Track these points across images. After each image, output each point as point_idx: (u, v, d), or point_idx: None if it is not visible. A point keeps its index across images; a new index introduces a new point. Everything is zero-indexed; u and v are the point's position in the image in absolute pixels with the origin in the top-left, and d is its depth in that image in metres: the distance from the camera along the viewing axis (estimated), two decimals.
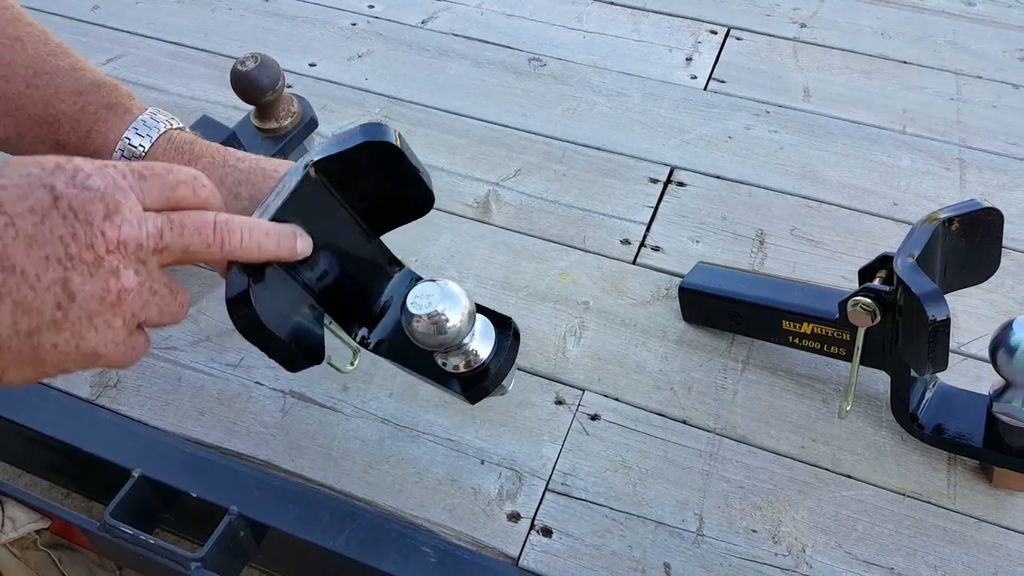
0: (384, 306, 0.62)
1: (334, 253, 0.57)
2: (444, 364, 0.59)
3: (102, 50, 1.18)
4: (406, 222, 0.61)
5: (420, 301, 0.53)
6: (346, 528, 0.71)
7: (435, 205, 0.61)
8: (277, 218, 0.50)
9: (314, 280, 0.55)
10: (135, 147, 0.53)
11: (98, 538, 0.72)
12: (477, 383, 0.59)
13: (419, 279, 0.62)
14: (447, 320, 0.53)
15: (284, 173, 0.55)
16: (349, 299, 0.59)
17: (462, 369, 0.58)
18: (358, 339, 0.61)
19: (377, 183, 0.57)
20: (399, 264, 0.64)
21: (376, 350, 0.61)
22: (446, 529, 0.71)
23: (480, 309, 0.60)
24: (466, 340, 0.57)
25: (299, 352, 0.54)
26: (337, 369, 0.64)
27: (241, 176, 0.54)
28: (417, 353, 0.59)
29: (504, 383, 0.62)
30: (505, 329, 0.60)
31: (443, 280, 0.55)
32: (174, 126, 0.56)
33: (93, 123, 0.54)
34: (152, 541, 0.70)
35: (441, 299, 0.53)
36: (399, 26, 1.21)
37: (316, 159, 0.53)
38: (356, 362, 0.67)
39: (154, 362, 0.83)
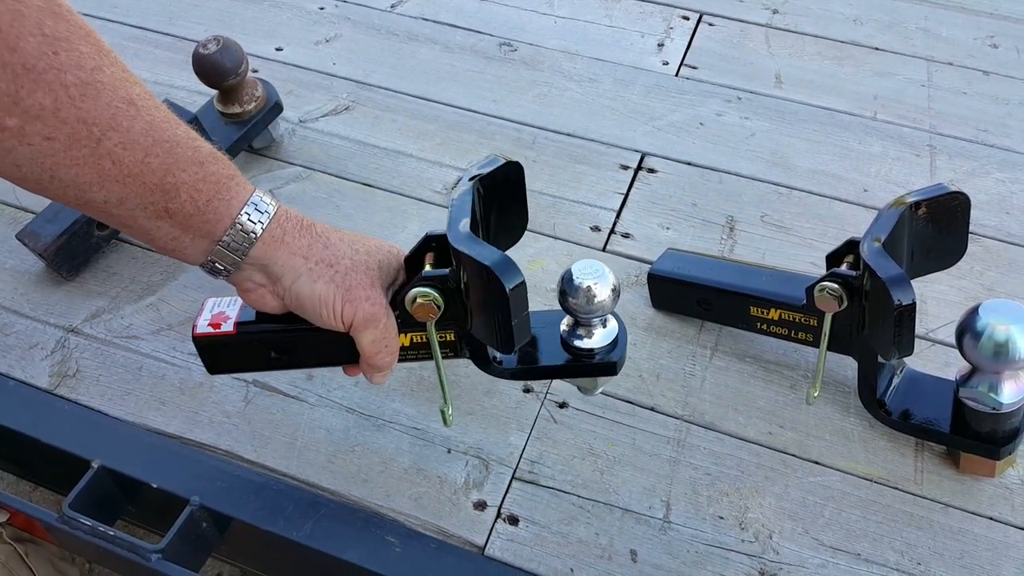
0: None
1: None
2: (576, 339, 0.65)
3: None
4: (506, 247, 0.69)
5: (584, 273, 0.63)
6: (310, 518, 0.70)
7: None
8: (472, 218, 0.60)
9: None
10: (255, 223, 0.57)
11: (57, 530, 0.71)
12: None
13: None
14: (597, 295, 0.62)
15: (453, 196, 0.62)
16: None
17: (592, 346, 0.65)
18: (492, 366, 0.67)
19: (503, 202, 0.67)
20: None
21: (509, 369, 0.67)
22: (412, 518, 0.71)
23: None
24: (597, 321, 0.65)
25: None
26: (444, 420, 0.68)
27: (352, 236, 0.62)
28: (546, 346, 0.66)
29: (598, 391, 0.69)
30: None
31: (599, 262, 0.64)
32: (279, 204, 0.60)
33: (215, 192, 0.55)
34: (112, 533, 0.69)
35: (598, 275, 0.63)
36: (368, 10, 1.19)
37: (478, 174, 0.64)
38: (452, 413, 0.69)
39: (114, 351, 0.82)
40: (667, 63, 1.11)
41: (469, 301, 0.61)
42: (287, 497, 0.71)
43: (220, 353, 0.66)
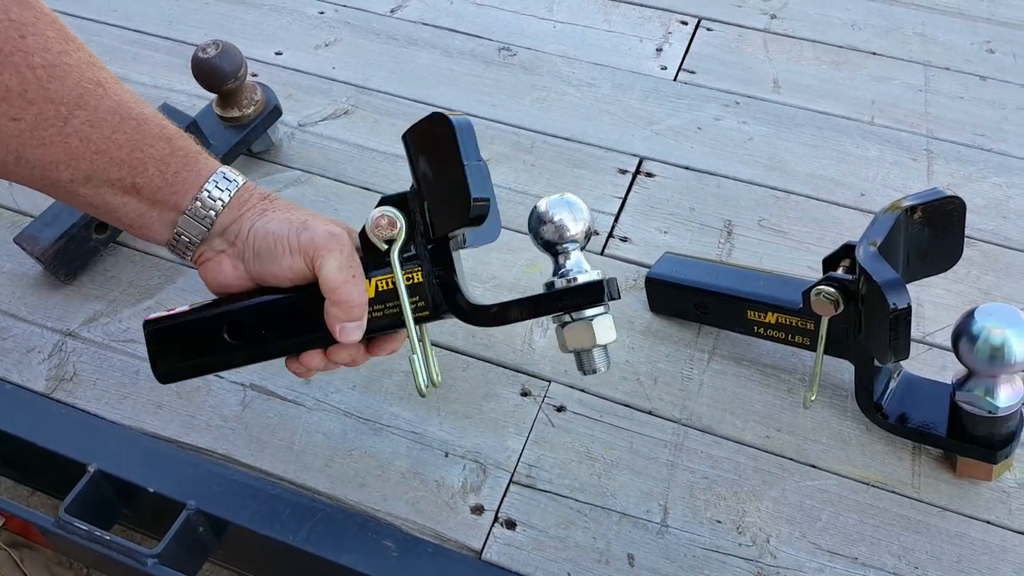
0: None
1: None
2: (555, 270, 0.60)
3: None
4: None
5: (551, 199, 0.60)
6: (307, 523, 0.70)
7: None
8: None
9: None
10: (223, 191, 0.57)
11: (53, 535, 0.71)
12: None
13: None
14: (566, 221, 0.59)
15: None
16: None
17: (570, 273, 0.59)
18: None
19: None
20: None
21: (485, 308, 0.61)
22: (408, 523, 0.71)
23: None
24: (572, 248, 0.60)
25: None
26: (418, 383, 0.61)
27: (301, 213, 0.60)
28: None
29: (598, 360, 0.61)
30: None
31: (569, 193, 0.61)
32: (248, 180, 0.60)
33: (183, 164, 0.56)
34: (108, 537, 0.69)
35: (567, 202, 0.60)
36: (367, 15, 1.19)
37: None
38: (440, 379, 0.65)
39: (111, 355, 0.82)
40: (665, 68, 1.11)
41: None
42: (284, 501, 0.71)
43: (170, 341, 0.61)
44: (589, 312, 0.59)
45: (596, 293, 0.59)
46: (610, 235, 0.92)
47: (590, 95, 1.08)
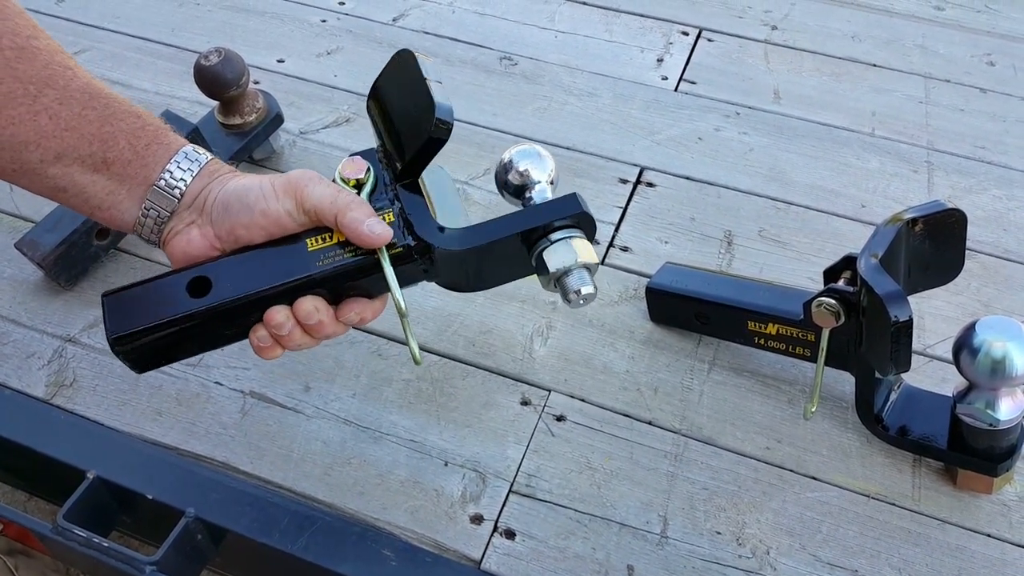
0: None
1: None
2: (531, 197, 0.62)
3: (66, 44, 1.14)
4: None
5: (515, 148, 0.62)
6: (305, 531, 0.70)
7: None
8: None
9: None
10: (192, 162, 0.57)
11: (51, 541, 0.71)
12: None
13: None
14: (532, 163, 0.63)
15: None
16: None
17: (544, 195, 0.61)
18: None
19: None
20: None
21: (462, 249, 0.58)
22: (408, 532, 0.70)
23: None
24: (544, 184, 0.63)
25: None
26: (413, 354, 0.58)
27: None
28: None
29: (584, 282, 0.58)
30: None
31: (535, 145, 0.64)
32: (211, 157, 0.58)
33: (154, 137, 0.56)
34: (106, 544, 0.68)
35: (529, 150, 0.63)
36: (369, 23, 1.20)
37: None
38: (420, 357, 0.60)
39: (111, 361, 0.81)
40: (666, 78, 1.12)
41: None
42: (283, 509, 0.71)
43: (128, 305, 0.55)
44: (567, 232, 0.59)
45: (574, 203, 0.59)
46: (610, 245, 0.92)
47: (591, 105, 1.08)
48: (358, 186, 0.58)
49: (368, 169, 0.58)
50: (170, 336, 0.55)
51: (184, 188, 0.56)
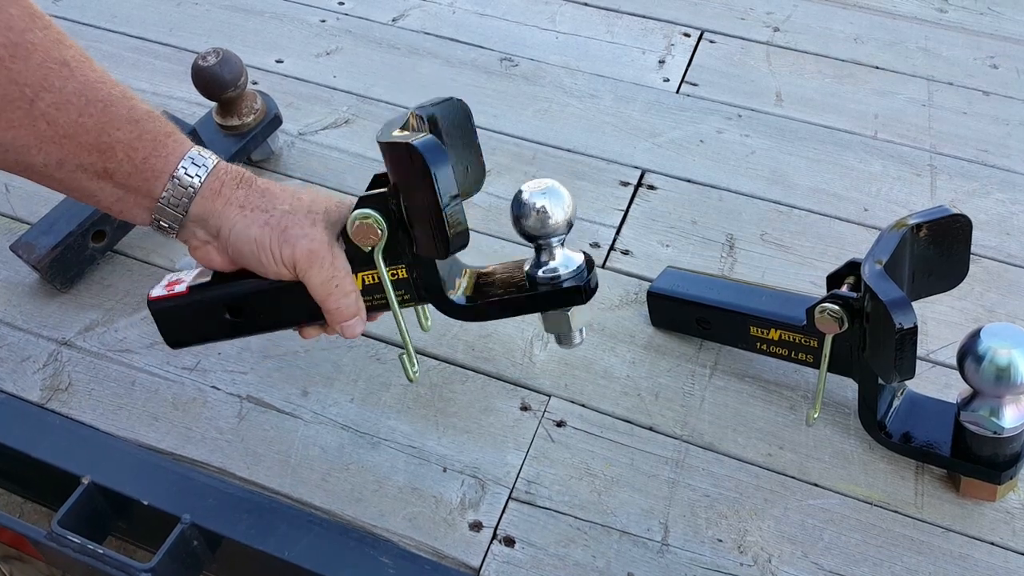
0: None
1: None
2: (538, 268, 0.62)
3: None
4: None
5: (535, 190, 0.60)
6: (303, 538, 0.69)
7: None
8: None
9: None
10: (192, 177, 0.56)
11: (45, 547, 0.70)
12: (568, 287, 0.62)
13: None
14: (549, 214, 0.59)
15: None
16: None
17: (554, 272, 0.62)
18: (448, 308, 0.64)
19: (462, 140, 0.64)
20: None
21: (468, 305, 0.63)
22: (406, 539, 0.70)
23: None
24: (556, 242, 0.61)
25: None
26: (406, 370, 0.65)
27: (297, 186, 0.62)
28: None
29: (576, 339, 0.65)
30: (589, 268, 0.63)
31: (554, 181, 0.61)
32: (219, 159, 0.59)
33: (152, 149, 0.55)
34: (100, 551, 0.68)
35: (550, 193, 0.60)
36: (369, 23, 1.19)
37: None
38: (417, 368, 0.66)
39: (107, 365, 0.81)
40: (668, 80, 1.11)
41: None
42: (280, 516, 0.70)
43: (175, 318, 0.64)
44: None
45: (576, 296, 0.61)
46: (611, 248, 0.91)
47: (592, 106, 1.07)
48: (372, 244, 0.60)
49: (382, 233, 0.59)
50: (214, 338, 0.67)
51: (187, 206, 0.57)
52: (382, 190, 0.59)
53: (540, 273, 0.62)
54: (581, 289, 0.61)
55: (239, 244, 0.58)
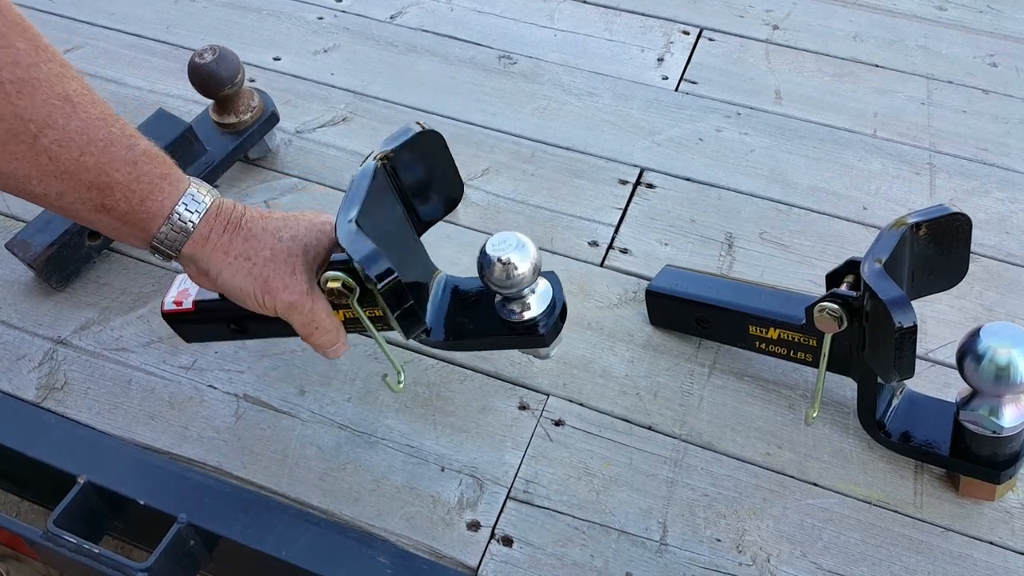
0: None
1: (402, 251, 0.65)
2: (507, 312, 0.66)
3: (59, 41, 1.14)
4: (440, 217, 0.70)
5: (499, 247, 0.62)
6: (300, 538, 0.69)
7: (455, 163, 0.69)
8: (365, 205, 0.60)
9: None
10: (185, 223, 0.59)
11: (41, 547, 0.70)
12: (533, 333, 0.66)
13: (456, 285, 0.70)
14: (516, 268, 0.61)
15: (355, 175, 0.62)
16: (416, 297, 0.64)
17: (521, 318, 0.66)
18: (421, 337, 0.67)
19: (424, 171, 0.66)
20: (435, 267, 0.72)
21: (440, 341, 0.68)
22: (404, 538, 0.69)
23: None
24: (526, 292, 0.65)
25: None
26: (390, 387, 0.69)
27: (280, 223, 0.62)
28: (478, 318, 0.67)
29: (550, 353, 0.70)
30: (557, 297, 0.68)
31: (519, 234, 0.63)
32: (215, 197, 0.61)
33: (148, 192, 0.57)
34: (96, 550, 0.67)
35: (516, 247, 0.61)
36: (367, 21, 1.19)
37: (385, 150, 0.63)
38: (403, 379, 0.70)
39: (103, 363, 0.80)
40: (667, 78, 1.11)
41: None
42: (277, 515, 0.70)
43: (186, 327, 0.72)
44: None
45: (541, 341, 0.66)
46: (610, 246, 0.91)
47: (591, 104, 1.07)
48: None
49: (354, 291, 0.62)
50: (224, 338, 0.74)
51: (180, 247, 0.60)
52: (346, 265, 0.61)
53: (510, 318, 0.66)
54: (544, 338, 0.66)
55: (226, 288, 0.62)
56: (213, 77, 0.87)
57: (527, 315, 0.65)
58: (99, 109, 0.55)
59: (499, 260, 0.61)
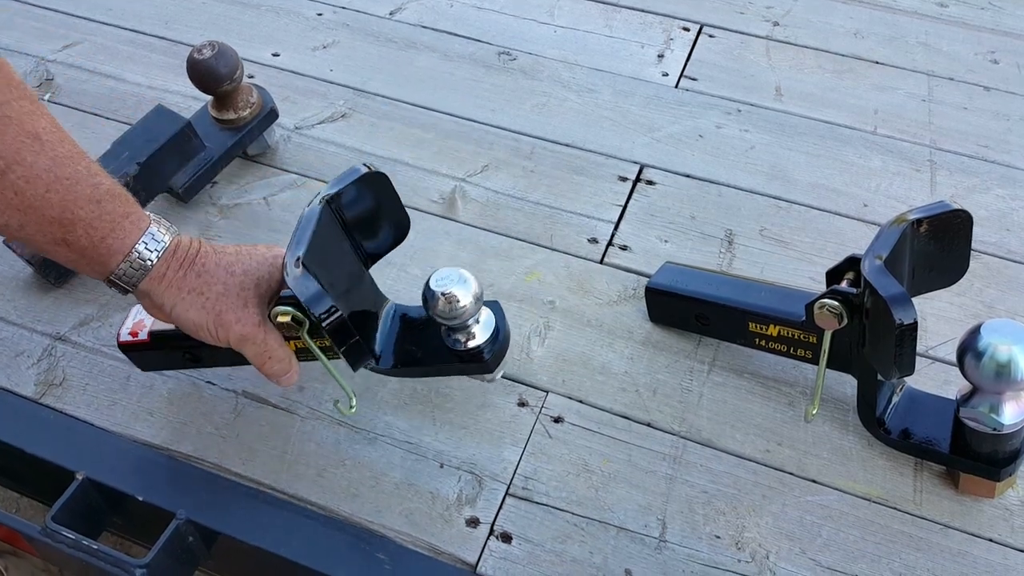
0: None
1: (350, 284, 0.67)
2: (453, 342, 0.69)
3: (58, 37, 1.14)
4: (388, 250, 0.72)
5: (442, 282, 0.65)
6: (299, 534, 0.69)
7: (400, 200, 0.70)
8: (312, 244, 0.62)
9: (345, 309, 0.63)
10: (144, 260, 0.60)
11: (40, 543, 0.69)
12: (479, 361, 0.70)
13: (405, 313, 0.73)
14: (459, 300, 0.64)
15: (303, 214, 0.64)
16: (364, 328, 0.68)
17: (466, 346, 0.69)
18: (371, 364, 0.70)
19: (370, 209, 0.68)
20: (384, 297, 0.74)
21: (388, 368, 0.71)
22: (402, 535, 0.69)
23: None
24: (470, 322, 0.68)
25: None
26: (342, 412, 0.72)
27: (232, 258, 0.64)
28: (425, 345, 0.70)
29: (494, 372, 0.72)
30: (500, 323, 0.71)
31: (462, 269, 0.66)
32: (173, 235, 0.63)
33: (110, 230, 0.59)
34: (95, 547, 0.67)
35: (458, 282, 0.65)
36: (366, 17, 1.18)
37: (329, 193, 0.65)
38: (355, 404, 0.71)
39: (102, 360, 0.80)
40: (667, 74, 1.10)
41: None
42: (276, 511, 0.70)
43: (142, 357, 0.74)
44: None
45: (485, 367, 0.70)
46: (610, 243, 0.91)
47: (590, 101, 1.07)
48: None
49: (304, 324, 0.64)
50: (180, 367, 0.77)
51: (136, 284, 0.61)
52: (295, 299, 0.62)
53: (455, 347, 0.69)
54: (488, 364, 0.69)
55: (180, 321, 0.64)
56: (212, 73, 0.87)
57: (471, 343, 0.69)
58: (66, 147, 0.57)
59: (442, 294, 0.64)
